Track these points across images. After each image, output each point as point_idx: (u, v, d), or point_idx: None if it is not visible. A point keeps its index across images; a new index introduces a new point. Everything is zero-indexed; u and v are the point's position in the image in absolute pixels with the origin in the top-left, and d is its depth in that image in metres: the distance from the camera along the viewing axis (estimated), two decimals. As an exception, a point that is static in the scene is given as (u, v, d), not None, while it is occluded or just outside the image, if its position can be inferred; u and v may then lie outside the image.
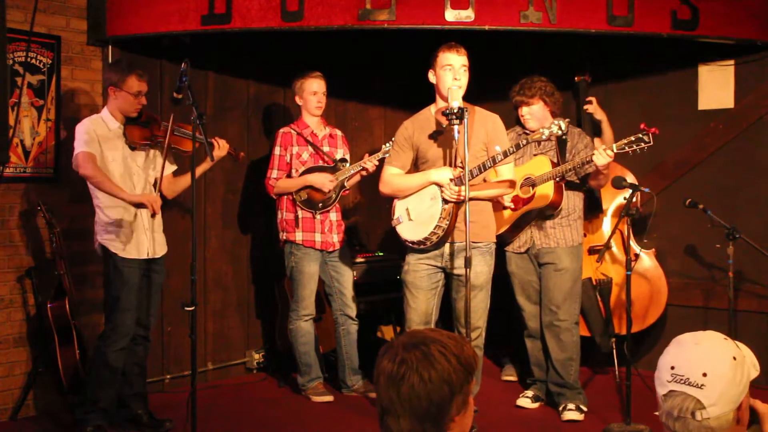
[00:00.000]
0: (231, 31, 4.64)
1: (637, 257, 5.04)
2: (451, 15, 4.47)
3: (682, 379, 1.63)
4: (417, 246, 4.09)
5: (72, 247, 4.67)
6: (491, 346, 4.79)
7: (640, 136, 4.14)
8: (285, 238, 5.00)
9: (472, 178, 3.95)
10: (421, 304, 4.14)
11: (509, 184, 4.15)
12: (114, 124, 4.29)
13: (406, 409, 1.67)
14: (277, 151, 5.03)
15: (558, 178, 4.49)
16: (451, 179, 3.94)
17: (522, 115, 4.69)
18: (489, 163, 3.97)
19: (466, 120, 3.74)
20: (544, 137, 3.94)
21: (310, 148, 5.05)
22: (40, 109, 4.67)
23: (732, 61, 5.22)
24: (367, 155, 4.99)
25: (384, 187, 4.22)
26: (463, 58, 4.02)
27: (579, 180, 4.62)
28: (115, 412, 4.35)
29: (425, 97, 4.24)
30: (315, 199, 4.97)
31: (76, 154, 4.17)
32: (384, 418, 1.72)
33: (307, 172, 5.00)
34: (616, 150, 4.20)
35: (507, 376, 5.44)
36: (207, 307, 5.42)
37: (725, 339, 1.68)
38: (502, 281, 4.72)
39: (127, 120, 4.32)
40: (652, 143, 4.13)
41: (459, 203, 3.94)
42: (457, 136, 3.78)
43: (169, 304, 5.09)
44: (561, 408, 4.56)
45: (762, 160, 5.16)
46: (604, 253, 4.71)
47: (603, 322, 5.12)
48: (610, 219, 5.21)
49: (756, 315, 5.09)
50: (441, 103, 4.07)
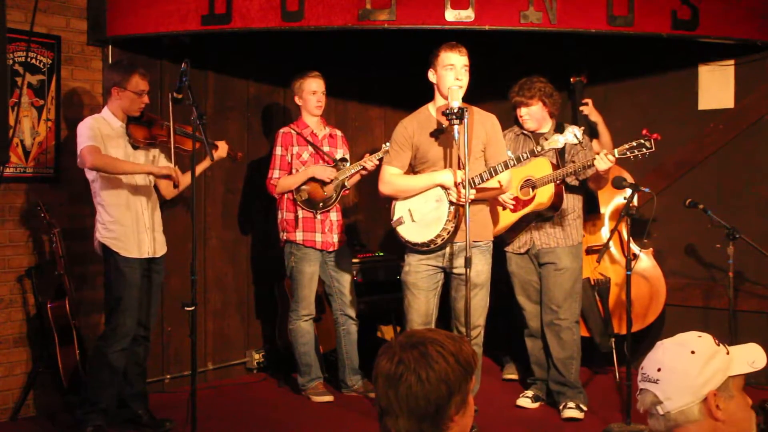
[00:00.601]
0: (231, 31, 4.64)
1: (636, 257, 5.04)
2: (451, 15, 4.47)
3: (645, 377, 1.71)
4: (421, 248, 4.07)
5: (72, 247, 4.67)
6: (492, 345, 4.80)
7: (642, 141, 4.14)
8: (285, 238, 5.00)
9: (482, 181, 3.96)
10: (422, 304, 4.14)
11: (508, 184, 4.16)
12: (116, 123, 4.30)
13: (404, 409, 1.67)
14: (278, 151, 5.03)
15: (558, 181, 4.49)
16: (458, 183, 3.93)
17: (521, 116, 4.69)
18: (501, 167, 3.96)
19: (466, 120, 3.74)
20: (560, 146, 3.95)
21: (310, 148, 5.05)
22: (40, 109, 4.67)
23: (732, 61, 5.22)
24: (367, 155, 4.99)
25: (385, 188, 4.20)
26: (464, 58, 4.02)
27: (578, 182, 4.63)
28: (115, 412, 4.35)
29: (425, 97, 4.23)
30: (316, 199, 4.97)
31: (80, 150, 4.15)
32: (383, 418, 1.72)
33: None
34: (617, 155, 4.20)
35: (508, 374, 5.44)
36: (207, 307, 5.42)
37: (699, 336, 1.71)
38: (502, 281, 4.73)
39: (129, 119, 4.33)
40: (654, 149, 4.13)
41: (463, 205, 3.93)
42: (457, 136, 3.78)
43: (169, 304, 5.08)
44: (561, 406, 4.56)
45: (762, 160, 5.16)
46: (603, 253, 4.71)
47: (602, 322, 5.12)
48: (608, 219, 5.21)
49: (756, 315, 5.09)
50: (440, 102, 4.07)
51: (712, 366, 1.66)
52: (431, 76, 4.10)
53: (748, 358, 1.70)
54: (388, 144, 4.71)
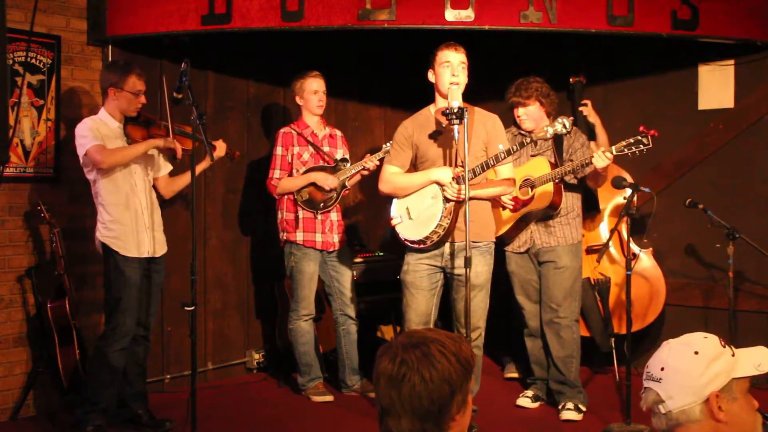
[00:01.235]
0: (231, 31, 4.64)
1: (635, 257, 5.04)
2: (451, 15, 4.47)
3: (649, 375, 1.73)
4: (417, 245, 4.08)
5: (72, 247, 4.67)
6: (492, 345, 4.80)
7: (639, 138, 4.14)
8: (285, 238, 5.00)
9: (474, 176, 3.96)
10: (421, 304, 4.14)
11: (509, 183, 4.16)
12: (114, 124, 4.30)
13: (407, 409, 1.67)
14: (279, 151, 5.03)
15: (557, 180, 4.49)
16: (453, 178, 3.94)
17: (518, 116, 4.69)
18: (492, 161, 3.97)
19: (466, 120, 3.74)
20: (549, 135, 3.94)
21: (310, 148, 5.05)
22: (40, 109, 4.67)
23: (732, 61, 5.22)
24: (368, 155, 4.99)
25: (384, 186, 4.22)
26: (461, 55, 4.02)
27: (577, 180, 4.63)
28: (115, 412, 4.35)
29: (425, 97, 4.24)
30: (316, 199, 4.97)
31: (87, 151, 4.13)
32: (384, 418, 1.72)
33: (309, 172, 5.00)
34: (615, 152, 4.20)
35: (509, 373, 5.44)
36: (207, 307, 5.42)
37: (705, 337, 1.71)
38: (502, 281, 4.73)
39: (127, 120, 4.33)
40: (652, 145, 4.13)
41: (460, 202, 3.94)
42: (457, 135, 3.78)
43: (169, 304, 5.08)
44: (560, 407, 4.56)
45: (762, 160, 5.16)
46: (603, 253, 4.71)
47: (602, 322, 5.12)
48: (608, 219, 5.21)
49: (756, 315, 5.08)
50: (441, 103, 4.07)
51: (716, 367, 1.66)
52: (430, 76, 4.10)
53: (754, 360, 1.69)
54: (388, 144, 4.73)
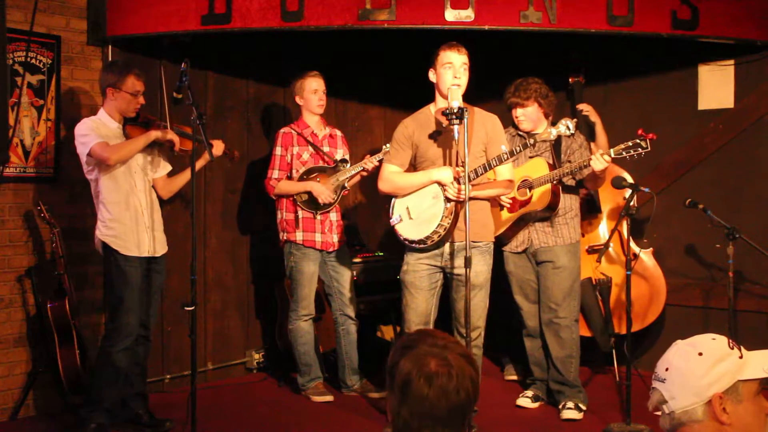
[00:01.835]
0: (231, 31, 4.64)
1: (636, 257, 5.04)
2: (451, 15, 4.47)
3: (656, 375, 1.73)
4: (417, 245, 4.08)
5: (72, 247, 4.68)
6: (492, 346, 4.79)
7: (638, 141, 4.14)
8: (285, 238, 5.00)
9: (476, 177, 3.97)
10: (420, 304, 4.14)
11: (509, 184, 4.16)
12: (113, 125, 4.30)
13: (455, 417, 1.63)
14: (278, 151, 5.03)
15: (555, 181, 4.49)
16: (454, 178, 3.94)
17: (516, 117, 4.69)
18: (495, 162, 3.97)
19: (466, 120, 3.74)
20: (552, 137, 3.94)
21: (310, 148, 5.05)
22: (40, 109, 4.67)
23: (732, 61, 5.22)
24: (368, 156, 4.99)
25: (383, 185, 4.22)
26: (463, 56, 4.02)
27: (575, 182, 4.63)
28: (118, 411, 4.35)
29: (425, 97, 4.24)
30: (316, 200, 4.97)
31: (91, 149, 4.12)
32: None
33: (308, 173, 5.00)
34: (613, 155, 4.21)
35: (509, 376, 5.44)
36: (207, 307, 5.42)
37: (713, 339, 1.71)
38: (501, 282, 4.73)
39: (126, 120, 4.33)
40: (650, 149, 4.13)
41: (461, 202, 3.94)
42: (457, 136, 3.78)
43: (169, 304, 5.09)
44: (560, 406, 4.57)
45: (762, 160, 5.16)
46: (603, 252, 4.71)
47: (603, 322, 5.12)
48: (608, 219, 5.21)
49: (756, 315, 5.08)
50: (441, 103, 4.07)
51: (720, 369, 1.65)
52: (431, 75, 4.10)
53: (763, 363, 1.68)
54: (388, 145, 4.73)
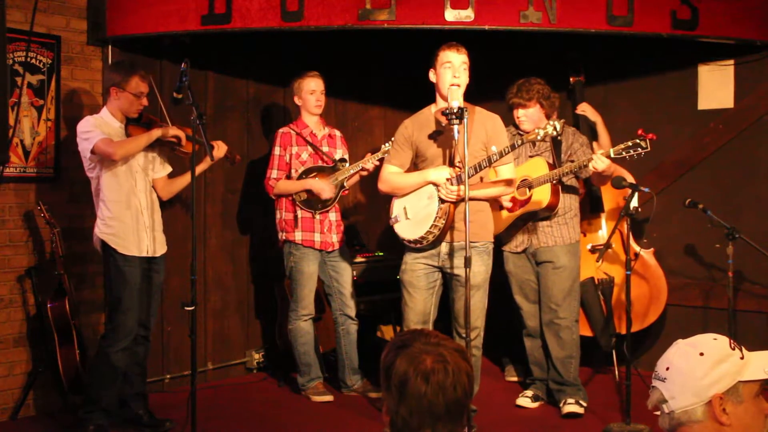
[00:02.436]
0: (231, 31, 4.64)
1: (636, 257, 5.04)
2: (450, 15, 4.47)
3: (656, 374, 1.73)
4: (413, 245, 4.11)
5: (72, 247, 4.68)
6: (492, 346, 4.79)
7: (638, 141, 4.14)
8: (284, 238, 5.01)
9: (468, 178, 3.96)
10: (419, 303, 4.15)
11: (507, 184, 4.16)
12: (116, 124, 4.30)
13: (454, 412, 1.64)
14: (277, 151, 5.03)
15: (555, 181, 4.49)
16: (447, 179, 3.95)
17: (517, 117, 4.69)
18: (485, 163, 3.97)
19: (465, 120, 3.75)
20: (539, 138, 3.93)
21: (309, 148, 5.05)
22: (40, 109, 4.67)
23: (731, 61, 5.22)
24: (368, 154, 4.99)
25: (382, 185, 4.24)
26: (463, 56, 4.02)
27: (579, 179, 4.63)
28: (117, 411, 4.35)
29: (425, 97, 4.24)
30: (314, 199, 4.97)
31: (95, 145, 4.11)
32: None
33: (307, 172, 5.00)
34: (613, 155, 4.21)
35: (509, 376, 5.44)
36: (207, 307, 5.42)
37: (714, 339, 1.71)
38: (502, 282, 4.73)
39: (128, 121, 4.34)
40: (650, 149, 4.13)
41: (455, 203, 3.95)
42: (456, 135, 3.78)
43: (169, 304, 5.09)
44: (561, 403, 4.57)
45: (762, 160, 5.16)
46: (604, 252, 4.72)
47: (604, 322, 5.12)
48: (609, 219, 5.20)
49: (756, 315, 5.08)
50: (441, 103, 4.07)
51: (721, 369, 1.65)
52: (431, 76, 4.10)
53: (764, 364, 1.68)
54: (387, 144, 4.76)
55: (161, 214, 4.50)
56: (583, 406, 4.54)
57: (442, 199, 3.98)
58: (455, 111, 3.75)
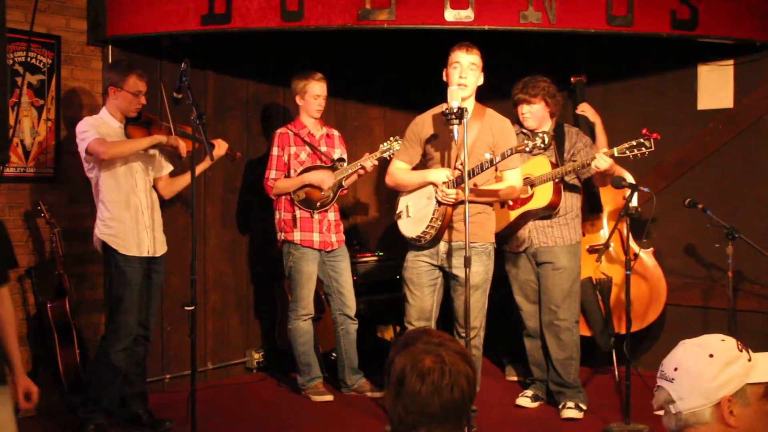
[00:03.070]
0: (231, 31, 4.64)
1: (636, 257, 5.04)
2: (450, 15, 4.47)
3: (662, 374, 1.72)
4: (413, 242, 4.16)
5: (72, 247, 4.68)
6: (492, 347, 4.79)
7: (642, 141, 4.15)
8: (283, 238, 5.01)
9: (462, 182, 3.95)
10: (419, 300, 4.16)
11: (510, 190, 4.14)
12: (115, 124, 4.31)
13: (450, 414, 1.64)
14: (275, 151, 5.03)
15: (557, 179, 4.49)
16: (444, 181, 3.96)
17: (522, 113, 4.68)
18: (477, 169, 3.97)
19: (465, 120, 3.75)
20: (528, 150, 3.91)
21: (307, 148, 5.05)
22: (40, 109, 4.67)
23: (731, 61, 5.22)
24: (367, 154, 4.99)
25: (388, 179, 4.32)
26: (472, 56, 4.03)
27: (580, 180, 4.63)
28: (117, 411, 4.35)
29: (425, 96, 4.25)
30: (313, 199, 4.97)
31: (89, 146, 4.12)
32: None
33: (306, 172, 5.00)
34: (617, 154, 4.22)
35: (510, 377, 5.45)
36: (207, 307, 5.42)
37: (722, 340, 1.70)
38: (502, 283, 4.73)
39: (128, 120, 4.34)
40: (654, 148, 4.14)
41: (450, 206, 3.98)
42: (456, 136, 3.79)
43: (169, 304, 5.09)
44: (560, 406, 4.57)
45: (762, 160, 5.16)
46: (603, 252, 4.72)
47: (603, 322, 5.12)
48: (609, 219, 5.21)
49: (756, 315, 5.09)
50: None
51: (730, 371, 1.65)
52: (444, 76, 4.11)
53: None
54: (386, 144, 4.79)
55: (161, 214, 4.50)
56: (583, 409, 4.54)
57: (438, 201, 4.01)
58: (455, 111, 3.75)
